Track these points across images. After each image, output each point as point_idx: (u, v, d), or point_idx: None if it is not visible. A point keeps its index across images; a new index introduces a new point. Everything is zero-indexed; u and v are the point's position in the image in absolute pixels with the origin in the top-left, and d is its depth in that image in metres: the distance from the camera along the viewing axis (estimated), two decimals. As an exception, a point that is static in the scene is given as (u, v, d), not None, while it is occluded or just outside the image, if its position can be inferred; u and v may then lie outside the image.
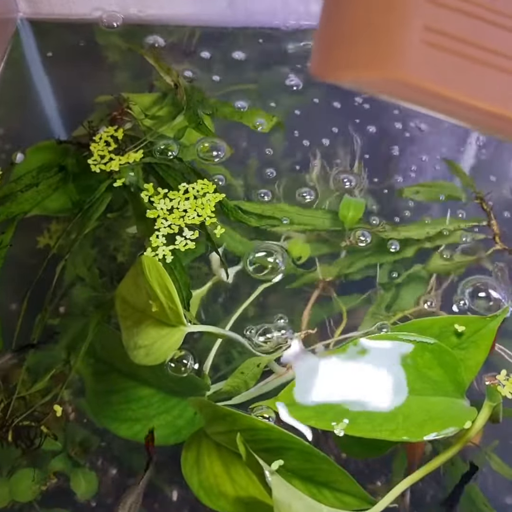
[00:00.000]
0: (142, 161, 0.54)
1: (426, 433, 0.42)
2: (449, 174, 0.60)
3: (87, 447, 0.50)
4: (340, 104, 0.64)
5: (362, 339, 0.46)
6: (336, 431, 0.42)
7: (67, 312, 0.54)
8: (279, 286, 0.55)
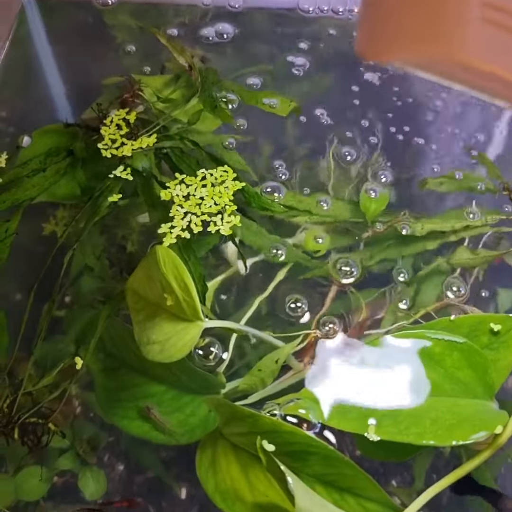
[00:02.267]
0: (155, 146, 0.52)
1: (455, 438, 0.40)
2: (475, 165, 0.58)
3: (95, 445, 0.48)
4: (359, 90, 0.62)
5: (387, 337, 0.44)
6: (368, 435, 0.40)
7: (73, 303, 0.52)
8: (295, 279, 0.52)
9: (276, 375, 0.46)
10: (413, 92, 0.62)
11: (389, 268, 0.53)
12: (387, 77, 0.62)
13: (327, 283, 0.52)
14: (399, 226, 0.53)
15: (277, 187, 0.54)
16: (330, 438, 0.43)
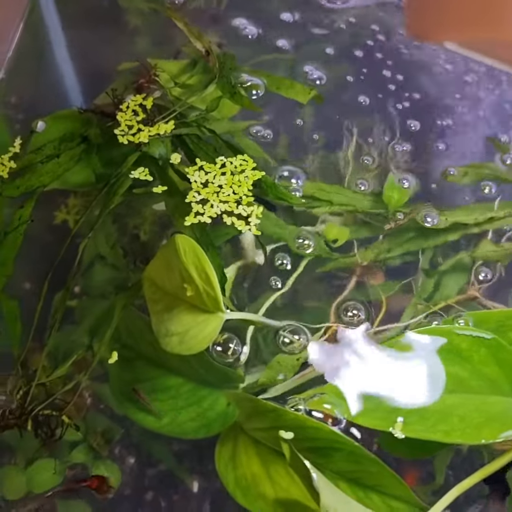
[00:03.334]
0: (173, 133, 0.50)
1: (483, 436, 0.39)
2: (497, 156, 0.56)
3: (109, 438, 0.47)
4: (380, 78, 0.60)
5: (410, 333, 0.43)
6: (394, 431, 0.39)
7: (84, 293, 0.51)
8: (313, 272, 0.51)
9: (297, 369, 0.45)
10: (436, 82, 0.61)
11: (410, 260, 0.52)
12: (411, 67, 0.61)
13: (347, 275, 0.51)
14: (421, 217, 0.52)
15: (295, 173, 0.53)
16: (356, 434, 0.42)
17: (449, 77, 0.61)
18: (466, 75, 0.61)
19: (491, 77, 0.61)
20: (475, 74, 0.61)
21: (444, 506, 0.39)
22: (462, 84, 0.60)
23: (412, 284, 0.51)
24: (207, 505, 0.46)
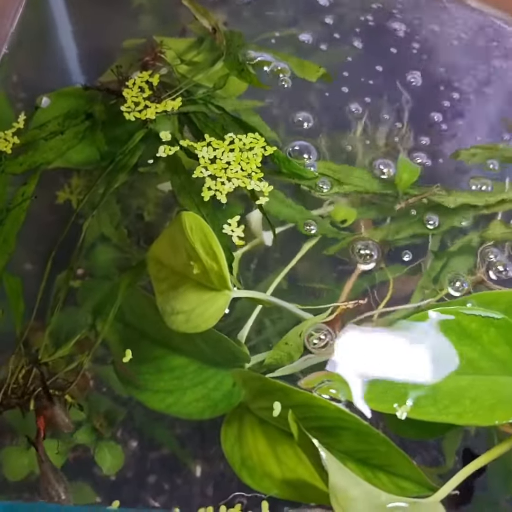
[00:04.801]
0: (180, 110, 0.49)
1: (497, 418, 0.38)
2: (509, 137, 0.56)
3: (112, 419, 0.46)
4: (388, 59, 0.59)
5: (431, 312, 0.42)
6: (399, 413, 0.39)
7: (87, 273, 0.50)
8: (320, 253, 0.51)
9: (303, 349, 0.45)
10: (445, 61, 0.60)
11: (419, 242, 0.51)
12: (419, 47, 0.60)
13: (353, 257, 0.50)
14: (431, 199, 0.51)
15: (307, 148, 0.52)
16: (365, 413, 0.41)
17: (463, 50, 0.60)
18: (480, 48, 0.60)
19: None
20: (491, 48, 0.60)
21: (453, 486, 0.38)
22: (476, 60, 0.60)
23: (421, 266, 0.50)
24: (210, 489, 0.45)
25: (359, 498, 0.36)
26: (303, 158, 0.51)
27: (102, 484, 0.45)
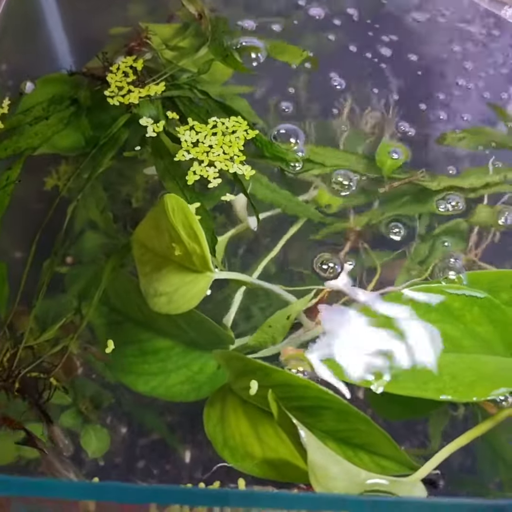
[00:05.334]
0: (163, 95, 0.50)
1: (475, 394, 0.38)
2: (495, 120, 0.55)
3: (98, 403, 0.46)
4: (375, 45, 0.59)
5: (406, 291, 0.42)
6: (374, 387, 0.39)
7: (76, 260, 0.50)
8: (305, 238, 0.51)
9: (287, 331, 0.45)
10: (432, 48, 0.60)
11: (405, 226, 0.51)
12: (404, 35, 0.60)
13: (342, 241, 0.50)
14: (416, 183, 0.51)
15: (294, 132, 0.52)
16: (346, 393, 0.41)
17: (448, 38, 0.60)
18: (466, 35, 0.60)
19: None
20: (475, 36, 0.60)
21: (433, 466, 0.38)
22: (461, 46, 0.60)
23: (407, 249, 0.50)
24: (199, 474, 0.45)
25: (338, 476, 0.36)
26: (290, 142, 0.52)
27: (91, 469, 0.45)
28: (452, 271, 0.46)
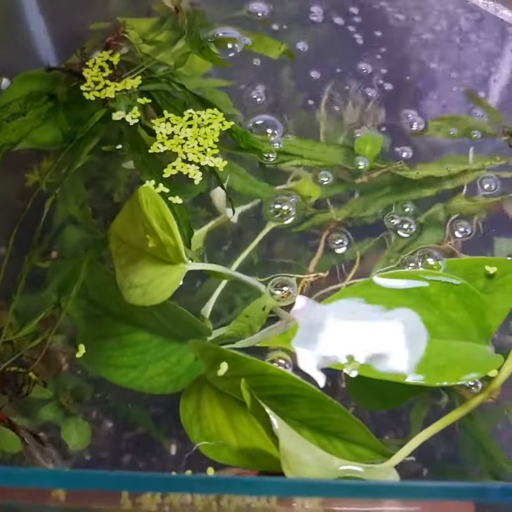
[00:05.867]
0: (140, 88, 0.50)
1: (446, 378, 0.38)
2: (473, 109, 0.55)
3: (80, 397, 0.46)
4: (356, 37, 0.59)
5: (377, 278, 0.42)
6: (347, 370, 0.39)
7: (58, 255, 0.51)
8: (287, 230, 0.51)
9: (264, 322, 0.45)
10: (409, 35, 0.60)
11: (384, 216, 0.51)
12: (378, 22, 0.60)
13: (322, 232, 0.50)
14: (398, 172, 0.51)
15: (271, 123, 0.52)
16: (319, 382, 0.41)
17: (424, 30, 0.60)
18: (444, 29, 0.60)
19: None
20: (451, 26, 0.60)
21: (407, 452, 0.38)
22: (437, 37, 0.60)
23: (385, 239, 0.50)
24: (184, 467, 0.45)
25: (311, 463, 0.36)
26: (267, 133, 0.52)
27: (77, 463, 0.45)
28: (430, 258, 0.46)
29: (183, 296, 0.48)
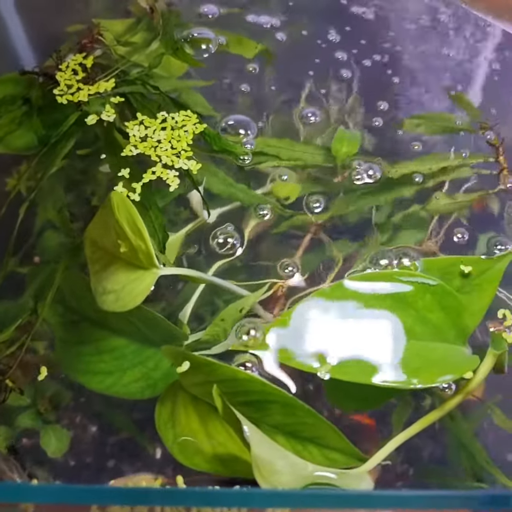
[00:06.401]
0: (114, 91, 0.49)
1: (421, 380, 0.38)
2: (454, 108, 0.54)
3: (57, 403, 0.46)
4: (335, 34, 0.59)
5: (349, 280, 0.42)
6: (321, 374, 0.38)
7: (40, 260, 0.50)
8: (268, 232, 0.50)
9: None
10: (390, 32, 0.59)
11: (364, 216, 0.51)
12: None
13: (302, 233, 0.50)
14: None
15: (247, 124, 0.51)
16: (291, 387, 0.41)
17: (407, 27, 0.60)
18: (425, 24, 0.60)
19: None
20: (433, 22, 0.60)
21: (383, 456, 0.38)
22: (420, 34, 0.59)
23: (366, 239, 0.50)
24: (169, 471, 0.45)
25: (284, 470, 0.36)
26: (242, 135, 0.51)
27: (61, 469, 0.45)
28: (406, 258, 0.46)
29: (163, 300, 0.47)
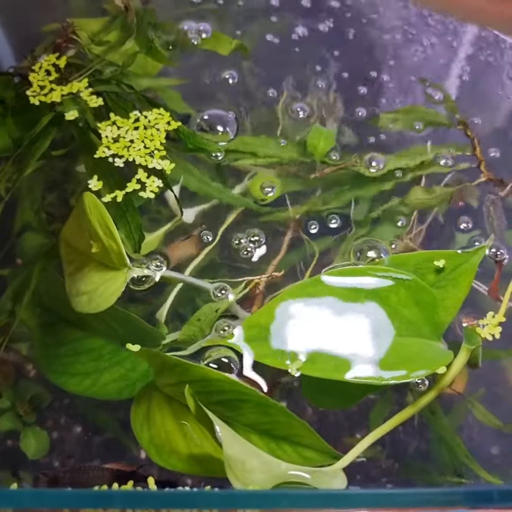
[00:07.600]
0: (90, 90, 0.49)
1: (395, 376, 0.37)
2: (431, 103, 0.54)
3: (37, 405, 0.46)
4: (313, 31, 0.58)
5: (324, 275, 0.41)
6: (292, 370, 0.38)
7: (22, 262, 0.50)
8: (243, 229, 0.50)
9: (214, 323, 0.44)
10: (368, 29, 0.59)
11: (344, 212, 0.50)
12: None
13: (282, 230, 0.50)
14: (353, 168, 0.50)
15: (224, 122, 0.51)
16: (263, 386, 0.41)
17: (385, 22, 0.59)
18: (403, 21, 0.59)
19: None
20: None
21: (357, 454, 0.38)
22: (397, 28, 0.59)
23: (345, 235, 0.49)
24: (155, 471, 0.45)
25: (257, 469, 0.36)
26: (219, 132, 0.51)
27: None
28: (382, 253, 0.45)
29: (141, 300, 0.47)
